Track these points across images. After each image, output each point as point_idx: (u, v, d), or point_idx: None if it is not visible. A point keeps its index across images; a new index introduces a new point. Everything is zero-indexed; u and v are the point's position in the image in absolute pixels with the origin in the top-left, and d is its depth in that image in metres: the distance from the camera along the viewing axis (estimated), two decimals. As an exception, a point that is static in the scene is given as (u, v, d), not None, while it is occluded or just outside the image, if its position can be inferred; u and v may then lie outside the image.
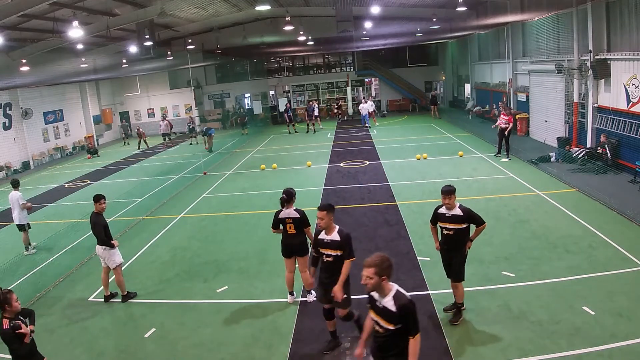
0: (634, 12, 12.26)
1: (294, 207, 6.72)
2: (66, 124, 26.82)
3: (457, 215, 5.98)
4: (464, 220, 5.99)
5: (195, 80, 32.72)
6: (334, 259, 5.41)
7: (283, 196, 6.73)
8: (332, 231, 5.42)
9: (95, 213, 7.59)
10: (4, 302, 4.71)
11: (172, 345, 6.22)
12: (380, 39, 26.28)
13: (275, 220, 6.77)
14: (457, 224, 5.99)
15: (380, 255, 3.66)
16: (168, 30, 23.84)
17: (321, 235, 5.46)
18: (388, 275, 3.66)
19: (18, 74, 18.60)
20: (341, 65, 35.80)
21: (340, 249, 5.37)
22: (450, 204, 6.00)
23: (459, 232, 6.02)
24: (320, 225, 5.39)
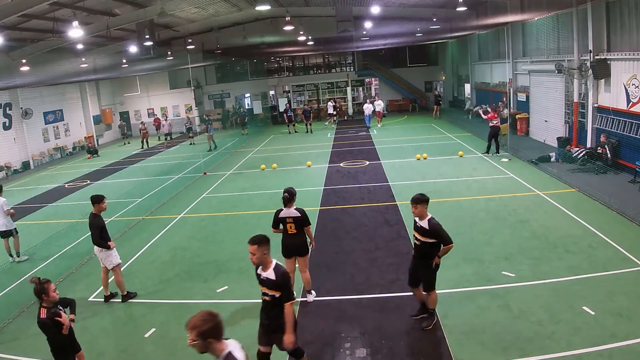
0: (634, 12, 12.26)
1: (294, 207, 6.71)
2: (66, 124, 26.82)
3: (423, 228, 5.81)
4: (430, 235, 5.76)
5: (195, 80, 32.74)
6: (271, 299, 4.71)
7: (285, 195, 6.70)
8: (268, 267, 4.67)
9: (93, 214, 7.55)
10: (42, 291, 4.71)
11: (172, 345, 6.21)
12: (380, 39, 26.28)
13: (276, 220, 6.75)
14: (423, 236, 5.82)
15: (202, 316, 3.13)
16: (168, 30, 23.84)
17: (258, 270, 4.78)
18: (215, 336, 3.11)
19: (18, 74, 18.60)
20: (341, 65, 35.79)
21: (277, 289, 4.63)
22: (418, 214, 5.87)
23: (425, 245, 5.85)
24: (252, 261, 4.65)
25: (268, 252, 4.61)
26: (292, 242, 6.76)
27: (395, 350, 5.67)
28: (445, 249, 5.79)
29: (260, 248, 4.55)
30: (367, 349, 5.74)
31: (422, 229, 5.83)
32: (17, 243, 10.02)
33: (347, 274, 7.90)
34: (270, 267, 4.66)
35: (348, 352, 5.73)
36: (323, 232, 10.01)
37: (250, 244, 4.55)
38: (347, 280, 7.65)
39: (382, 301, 6.90)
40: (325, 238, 9.65)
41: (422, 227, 5.83)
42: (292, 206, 6.70)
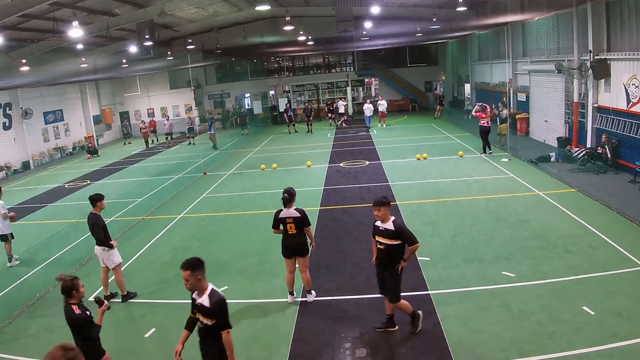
0: (634, 12, 12.26)
1: (294, 207, 6.72)
2: (66, 124, 26.81)
3: (388, 230, 5.63)
4: (395, 236, 5.59)
5: (195, 80, 32.74)
6: (205, 327, 4.34)
7: (285, 195, 6.70)
8: (203, 293, 4.28)
9: (93, 213, 7.53)
10: (73, 287, 4.65)
11: (172, 345, 6.17)
12: (380, 39, 26.27)
13: (276, 220, 6.76)
14: (388, 238, 5.62)
15: None
16: (168, 30, 23.83)
17: (194, 294, 4.39)
18: None
19: (18, 74, 18.59)
20: (341, 65, 35.80)
21: (210, 317, 4.23)
22: (381, 216, 5.68)
23: (390, 248, 5.65)
24: (186, 287, 4.31)
25: (203, 276, 4.30)
26: (292, 242, 6.77)
27: (395, 350, 5.67)
28: (411, 249, 5.63)
29: (194, 273, 4.25)
30: (367, 349, 5.74)
31: (387, 232, 5.64)
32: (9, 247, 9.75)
33: (347, 274, 7.90)
34: (206, 293, 4.27)
35: (348, 352, 5.73)
36: (323, 232, 10.01)
37: (183, 269, 4.25)
38: (347, 280, 7.65)
39: (382, 301, 6.88)
40: (325, 238, 9.65)
41: (387, 229, 5.63)
42: (292, 206, 6.72)
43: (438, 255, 8.31)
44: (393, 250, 5.66)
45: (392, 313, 6.03)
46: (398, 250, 5.66)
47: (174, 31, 24.50)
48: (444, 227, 9.71)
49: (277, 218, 6.75)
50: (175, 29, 24.14)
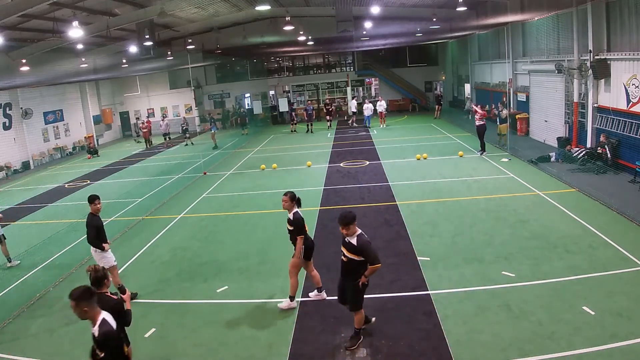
0: (634, 12, 12.26)
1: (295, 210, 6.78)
2: (66, 124, 26.82)
3: (351, 244, 5.50)
4: (357, 252, 5.46)
5: (195, 80, 32.73)
6: (98, 358, 3.92)
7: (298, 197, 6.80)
8: (94, 323, 3.96)
9: (91, 214, 7.44)
10: (105, 277, 4.70)
11: (172, 345, 6.22)
12: (380, 39, 26.27)
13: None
14: (350, 252, 5.52)
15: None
16: (168, 30, 23.83)
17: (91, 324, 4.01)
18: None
19: (18, 74, 18.60)
20: (341, 65, 35.79)
21: (100, 349, 3.91)
22: (348, 234, 5.50)
23: (352, 262, 5.55)
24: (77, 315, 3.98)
25: (90, 306, 3.91)
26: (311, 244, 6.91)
27: (395, 350, 5.67)
28: (371, 269, 5.47)
29: (79, 305, 3.86)
30: (367, 349, 5.74)
31: (349, 245, 5.52)
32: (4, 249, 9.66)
33: (347, 274, 7.89)
34: (97, 323, 3.92)
35: (348, 352, 5.73)
36: (323, 232, 10.01)
37: (69, 299, 3.96)
38: (347, 280, 7.64)
39: (382, 301, 6.90)
40: (325, 238, 9.64)
41: (350, 243, 5.51)
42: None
43: (438, 255, 8.31)
44: (355, 265, 5.54)
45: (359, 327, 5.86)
46: (360, 266, 5.53)
47: (174, 31, 24.51)
48: (444, 227, 9.71)
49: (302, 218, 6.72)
50: (175, 29, 24.14)
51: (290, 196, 6.67)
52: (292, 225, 6.62)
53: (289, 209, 6.68)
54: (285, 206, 6.68)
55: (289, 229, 6.71)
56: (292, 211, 6.65)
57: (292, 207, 6.66)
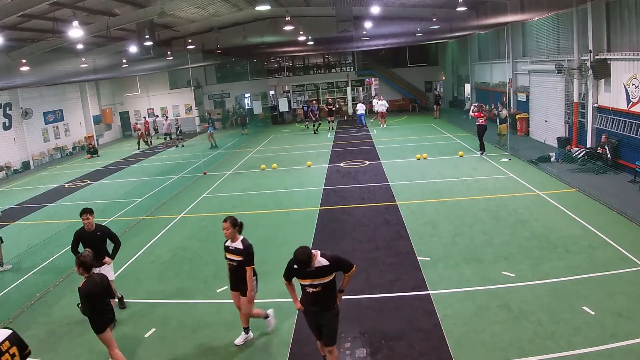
0: (634, 12, 12.26)
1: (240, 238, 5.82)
2: (66, 124, 26.82)
3: (322, 267, 4.80)
4: (331, 270, 4.85)
5: (195, 80, 32.73)
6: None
7: (241, 222, 5.83)
8: None
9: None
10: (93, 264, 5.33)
11: (172, 345, 6.22)
12: (380, 39, 26.26)
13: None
14: (323, 277, 4.82)
15: None
16: (168, 30, 23.83)
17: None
18: None
19: (18, 74, 18.60)
20: (341, 65, 35.80)
21: None
22: (313, 264, 4.80)
23: (327, 285, 4.88)
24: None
25: None
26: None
27: (395, 350, 5.67)
28: (349, 276, 4.96)
29: None
30: (367, 349, 5.74)
31: (321, 270, 4.77)
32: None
33: (347, 274, 7.89)
34: None
35: (348, 352, 5.73)
36: (323, 232, 10.01)
37: None
38: (347, 280, 7.63)
39: (382, 301, 6.90)
40: (325, 238, 9.65)
41: (322, 268, 4.77)
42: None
43: (438, 255, 8.31)
44: (330, 287, 4.90)
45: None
46: (333, 285, 4.96)
47: (174, 31, 24.50)
48: (444, 227, 9.71)
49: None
50: (175, 29, 24.13)
51: (231, 222, 5.66)
52: (242, 255, 5.68)
53: (231, 238, 5.72)
54: (227, 234, 5.68)
55: (236, 259, 5.73)
56: (237, 239, 5.73)
57: (235, 234, 5.72)
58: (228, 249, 5.78)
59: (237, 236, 5.73)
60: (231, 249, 5.74)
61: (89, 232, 7.01)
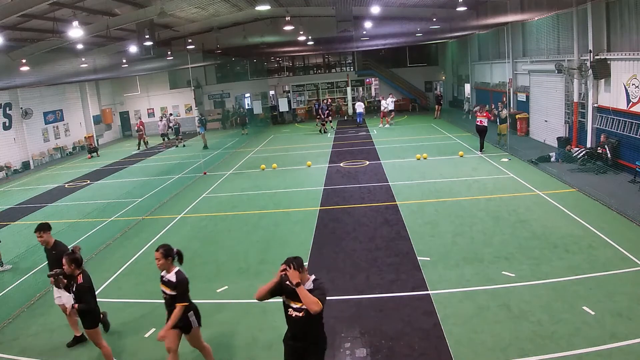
0: (634, 12, 12.26)
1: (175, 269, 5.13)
2: (66, 124, 26.81)
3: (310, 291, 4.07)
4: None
5: (195, 80, 32.73)
6: None
7: (178, 250, 5.15)
8: None
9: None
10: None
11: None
12: (380, 39, 26.27)
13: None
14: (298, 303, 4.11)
15: None
16: (168, 30, 23.84)
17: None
18: None
19: (18, 74, 18.59)
20: (341, 65, 35.81)
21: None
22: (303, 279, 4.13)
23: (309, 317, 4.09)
24: None
25: None
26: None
27: (395, 350, 5.67)
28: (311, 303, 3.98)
29: None
30: (367, 349, 5.74)
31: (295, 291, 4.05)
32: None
33: (347, 274, 7.89)
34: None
35: (348, 352, 5.73)
36: (323, 232, 10.02)
37: None
38: (347, 280, 7.64)
39: (382, 301, 6.90)
40: (325, 238, 9.65)
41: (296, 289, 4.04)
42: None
43: (438, 255, 8.31)
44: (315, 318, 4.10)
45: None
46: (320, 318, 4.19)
47: (174, 31, 24.51)
48: (444, 227, 9.71)
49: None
50: (175, 29, 24.14)
51: (163, 252, 4.99)
52: (175, 289, 4.96)
53: (165, 269, 5.05)
54: (159, 265, 5.02)
55: (168, 293, 5.03)
56: (171, 270, 5.03)
57: (168, 265, 5.04)
58: (162, 279, 5.09)
59: (172, 267, 5.06)
60: (165, 280, 5.05)
61: (46, 249, 6.50)
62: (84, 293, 5.38)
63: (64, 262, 5.40)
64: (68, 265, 5.39)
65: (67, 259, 5.39)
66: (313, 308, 3.91)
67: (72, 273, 5.44)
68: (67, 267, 5.40)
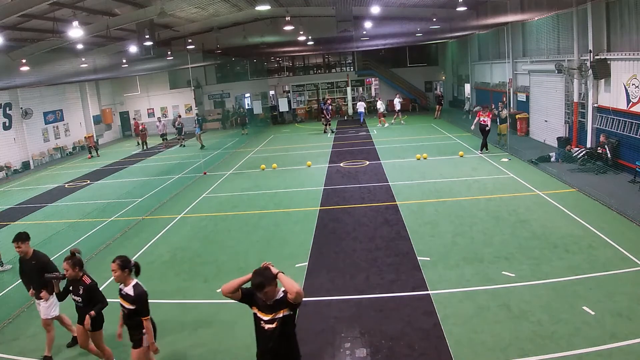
0: (634, 12, 12.26)
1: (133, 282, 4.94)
2: (66, 124, 26.82)
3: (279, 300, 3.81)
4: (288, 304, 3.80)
5: (195, 80, 32.74)
6: None
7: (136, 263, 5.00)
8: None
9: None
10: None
11: (172, 345, 6.22)
12: (380, 39, 26.28)
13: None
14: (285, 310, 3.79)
15: None
16: (168, 30, 23.84)
17: None
18: None
19: (18, 74, 18.59)
20: (341, 65, 35.81)
21: None
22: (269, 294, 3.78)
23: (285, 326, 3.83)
24: None
25: None
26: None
27: (395, 350, 5.67)
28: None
29: None
30: (367, 349, 5.74)
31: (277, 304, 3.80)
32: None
33: (347, 274, 7.89)
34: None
35: (348, 352, 5.73)
36: (323, 232, 10.01)
37: None
38: (347, 280, 7.64)
39: (382, 301, 6.90)
40: (325, 238, 9.65)
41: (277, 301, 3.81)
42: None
43: (438, 255, 8.31)
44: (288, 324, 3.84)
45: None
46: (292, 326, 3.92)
47: (174, 31, 24.51)
48: (444, 227, 9.71)
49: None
50: (175, 29, 24.14)
51: (119, 263, 4.81)
52: (134, 303, 4.78)
53: (122, 281, 4.88)
54: (116, 277, 4.84)
55: (127, 307, 4.84)
56: (129, 283, 4.86)
57: (125, 277, 4.86)
58: (120, 292, 4.91)
59: (130, 280, 4.88)
60: (123, 294, 4.87)
61: (24, 260, 6.18)
62: (94, 292, 5.36)
63: (66, 266, 5.29)
64: (72, 269, 5.29)
65: (70, 263, 5.29)
66: (295, 289, 3.62)
67: (76, 276, 5.35)
68: (70, 270, 5.29)
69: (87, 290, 5.33)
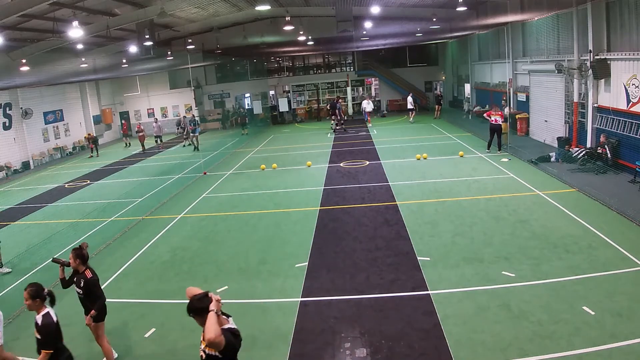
0: (634, 12, 12.26)
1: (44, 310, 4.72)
2: (66, 124, 26.81)
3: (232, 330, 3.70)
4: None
5: (195, 80, 32.73)
6: None
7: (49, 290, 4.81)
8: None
9: None
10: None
11: (172, 345, 6.22)
12: (380, 39, 26.28)
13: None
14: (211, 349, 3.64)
15: None
16: (168, 30, 23.84)
17: None
18: None
19: (18, 74, 18.58)
20: (341, 65, 35.79)
21: None
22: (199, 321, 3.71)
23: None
24: None
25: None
26: None
27: (395, 350, 5.67)
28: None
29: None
30: (367, 349, 5.74)
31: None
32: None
33: (347, 274, 7.90)
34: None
35: (348, 352, 5.73)
36: (323, 232, 10.02)
37: None
38: (347, 280, 7.64)
39: (382, 301, 6.90)
40: (325, 238, 9.65)
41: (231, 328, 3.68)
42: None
43: (438, 255, 8.31)
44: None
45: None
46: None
47: (174, 31, 24.51)
48: (444, 227, 9.72)
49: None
50: (175, 29, 24.14)
51: (30, 292, 4.62)
52: (39, 333, 4.51)
53: (34, 309, 4.66)
54: (28, 306, 4.66)
55: (37, 337, 4.56)
56: (40, 312, 4.62)
57: (38, 306, 4.65)
58: (35, 321, 4.64)
59: (42, 308, 4.63)
60: (35, 322, 4.60)
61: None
62: (94, 286, 5.54)
63: (70, 256, 5.53)
64: (73, 260, 5.52)
65: (73, 254, 5.51)
66: (208, 335, 3.32)
67: (78, 268, 5.54)
68: (72, 261, 5.53)
69: (86, 284, 5.53)
